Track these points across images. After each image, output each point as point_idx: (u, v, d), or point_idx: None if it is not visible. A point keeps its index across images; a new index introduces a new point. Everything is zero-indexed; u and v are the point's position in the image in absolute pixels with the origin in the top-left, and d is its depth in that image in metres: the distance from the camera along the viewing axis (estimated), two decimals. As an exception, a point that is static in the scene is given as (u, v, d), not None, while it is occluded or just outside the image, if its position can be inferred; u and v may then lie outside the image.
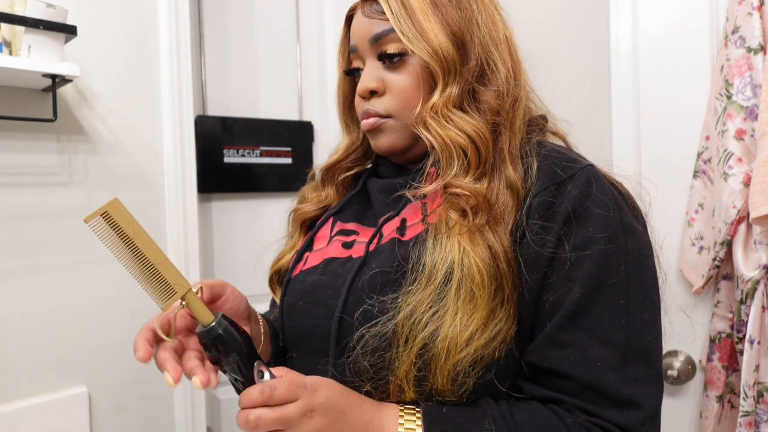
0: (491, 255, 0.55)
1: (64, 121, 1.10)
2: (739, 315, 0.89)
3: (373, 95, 0.66)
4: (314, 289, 0.65)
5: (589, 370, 0.53)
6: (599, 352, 0.53)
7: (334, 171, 0.76)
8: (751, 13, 0.90)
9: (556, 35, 1.29)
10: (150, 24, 1.22)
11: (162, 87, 1.23)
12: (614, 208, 0.57)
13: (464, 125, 0.60)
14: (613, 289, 0.54)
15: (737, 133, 0.90)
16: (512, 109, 0.63)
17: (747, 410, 0.87)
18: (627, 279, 0.55)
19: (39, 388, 1.06)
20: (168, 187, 1.23)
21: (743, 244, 0.90)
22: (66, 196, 1.11)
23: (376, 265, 0.60)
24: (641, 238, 0.59)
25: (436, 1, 0.62)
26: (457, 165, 0.59)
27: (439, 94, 0.61)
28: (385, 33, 0.63)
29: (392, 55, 0.63)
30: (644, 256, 0.58)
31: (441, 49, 0.60)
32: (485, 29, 0.63)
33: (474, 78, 0.62)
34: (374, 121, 0.65)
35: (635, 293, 0.55)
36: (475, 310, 0.54)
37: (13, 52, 1.00)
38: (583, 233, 0.55)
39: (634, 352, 0.54)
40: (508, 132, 0.62)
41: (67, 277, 1.10)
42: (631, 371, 0.54)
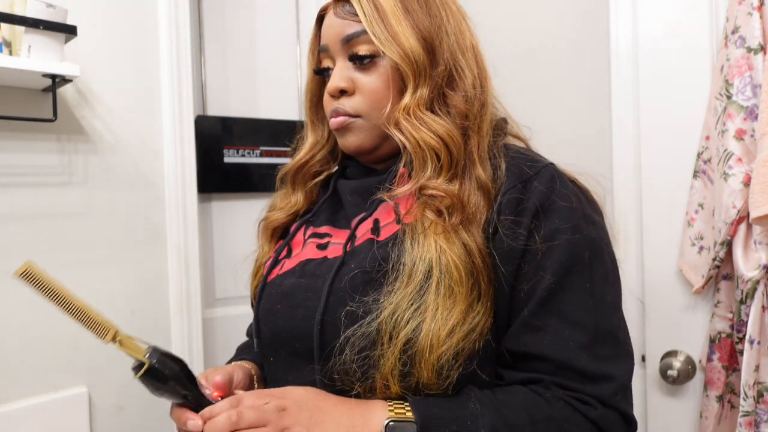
0: (467, 252, 0.58)
1: (64, 121, 1.10)
2: (739, 315, 0.89)
3: (342, 94, 0.67)
4: (293, 291, 0.66)
5: (563, 350, 0.57)
6: (570, 333, 0.57)
7: (301, 175, 0.78)
8: (751, 13, 0.90)
9: (556, 35, 1.29)
10: (150, 24, 1.22)
11: (162, 87, 1.23)
12: (576, 201, 0.61)
13: (437, 127, 0.62)
14: (579, 275, 0.59)
15: (737, 133, 0.90)
16: (479, 114, 0.65)
17: (747, 410, 0.87)
18: (591, 265, 0.60)
19: (39, 388, 1.06)
20: (168, 187, 1.23)
21: (743, 244, 0.90)
22: (66, 196, 1.11)
23: (355, 266, 0.62)
24: (600, 227, 0.64)
25: (407, 7, 0.64)
26: (431, 167, 0.61)
27: (410, 95, 0.63)
28: (357, 34, 0.65)
29: (363, 57, 0.65)
30: (604, 243, 0.63)
31: (412, 52, 0.62)
32: (453, 37, 0.66)
33: (443, 82, 0.65)
34: (343, 119, 0.67)
35: (599, 278, 0.60)
36: (454, 305, 0.56)
37: (13, 52, 1.00)
38: (550, 225, 0.59)
39: (601, 331, 0.59)
40: (477, 135, 0.64)
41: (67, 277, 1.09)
42: (600, 349, 0.58)
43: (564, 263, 0.58)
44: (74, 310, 0.56)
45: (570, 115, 1.27)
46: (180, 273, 1.24)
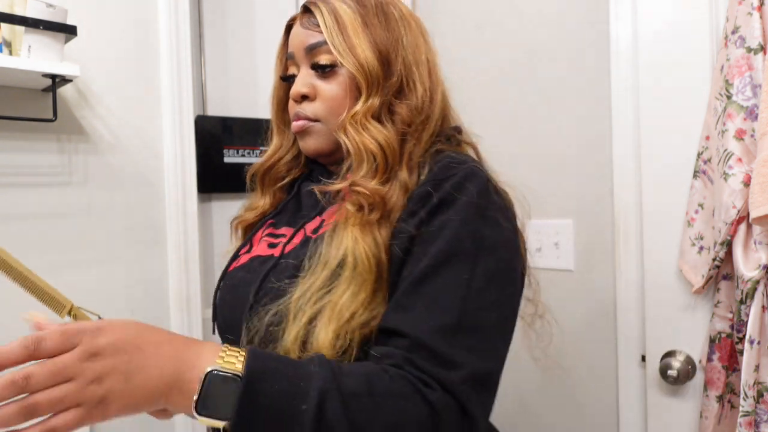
0: (376, 246, 0.61)
1: (64, 121, 1.10)
2: (739, 315, 0.89)
3: (304, 99, 0.72)
4: (238, 284, 0.72)
5: (422, 330, 0.57)
6: (435, 316, 0.57)
7: (269, 177, 0.82)
8: (751, 13, 0.90)
9: (556, 35, 1.29)
10: (150, 24, 1.22)
11: (162, 87, 1.23)
12: (481, 198, 0.62)
13: (377, 134, 0.66)
14: (459, 265, 0.59)
15: (737, 133, 0.90)
16: (422, 124, 0.70)
17: (747, 410, 0.87)
18: (475, 259, 0.60)
19: (39, 388, 1.06)
20: (168, 187, 1.23)
21: (743, 244, 0.90)
22: (66, 196, 1.11)
23: (288, 263, 0.66)
24: (504, 233, 0.64)
25: (366, 21, 0.69)
26: (366, 168, 0.66)
27: (361, 103, 0.68)
28: (319, 44, 0.70)
29: (324, 66, 0.70)
30: (501, 246, 0.63)
31: (367, 64, 0.67)
32: (409, 50, 0.71)
33: (393, 92, 0.69)
34: (303, 123, 0.72)
35: (482, 273, 0.60)
36: (360, 291, 0.59)
37: (13, 52, 1.00)
38: (443, 217, 0.61)
39: (469, 323, 0.58)
40: (414, 141, 0.68)
41: (67, 277, 1.10)
42: (461, 339, 0.57)
43: (445, 251, 0.59)
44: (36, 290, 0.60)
45: (570, 116, 1.27)
46: (180, 273, 1.24)
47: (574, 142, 1.26)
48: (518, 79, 1.36)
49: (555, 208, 1.29)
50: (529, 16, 1.34)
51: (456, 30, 1.48)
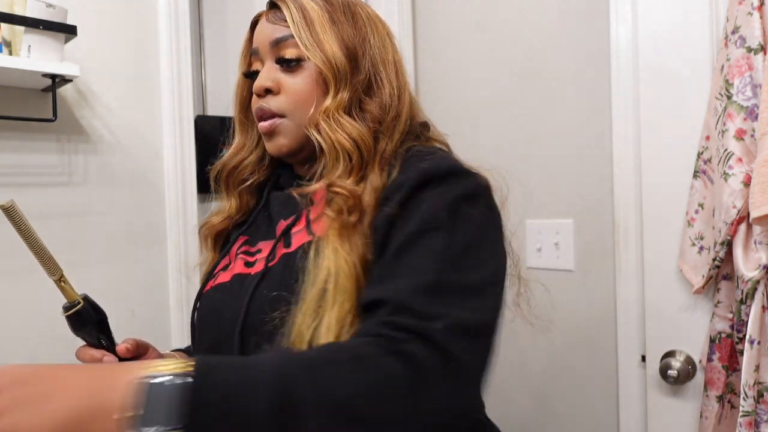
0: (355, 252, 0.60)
1: (64, 121, 1.10)
2: (739, 315, 0.89)
3: (268, 93, 0.71)
4: (220, 306, 0.69)
5: (401, 293, 0.54)
6: (414, 279, 0.55)
7: (233, 180, 0.79)
8: (751, 13, 0.90)
9: (556, 35, 1.29)
10: (150, 24, 1.22)
11: (162, 87, 1.23)
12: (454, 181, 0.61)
13: (351, 129, 0.65)
14: (436, 235, 0.57)
15: (737, 133, 0.90)
16: (393, 121, 0.69)
17: (747, 410, 0.87)
18: (453, 230, 0.58)
19: (39, 388, 1.06)
20: (168, 187, 1.23)
21: (743, 244, 0.90)
22: (66, 196, 1.11)
23: (271, 283, 0.64)
24: (480, 210, 0.62)
25: (333, 18, 0.69)
26: (342, 166, 0.65)
27: (331, 98, 0.67)
28: (285, 38, 0.69)
29: (289, 60, 0.69)
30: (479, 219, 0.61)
31: (334, 59, 0.67)
32: (376, 50, 0.71)
33: (362, 89, 0.69)
34: (271, 123, 0.70)
35: (460, 241, 0.58)
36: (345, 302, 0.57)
37: (13, 52, 1.00)
38: (417, 200, 0.60)
39: (449, 283, 0.55)
40: (386, 139, 0.68)
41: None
42: (442, 296, 0.54)
43: (421, 222, 0.58)
44: (37, 248, 0.64)
45: (570, 116, 1.27)
46: (180, 273, 1.24)
47: (574, 142, 1.26)
48: (518, 79, 1.36)
49: (555, 208, 1.29)
50: (529, 16, 1.34)
51: (456, 30, 1.48)
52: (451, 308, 0.53)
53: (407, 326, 0.51)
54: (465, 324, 0.53)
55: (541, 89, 1.31)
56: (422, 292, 0.54)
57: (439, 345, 0.50)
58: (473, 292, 0.56)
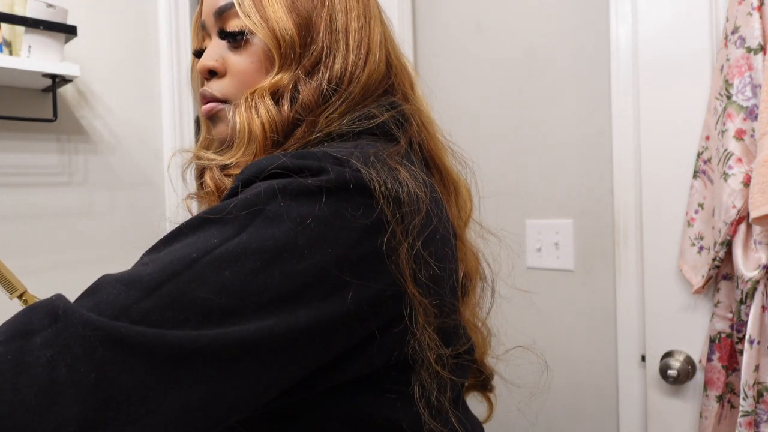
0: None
1: (64, 121, 1.10)
2: (739, 315, 0.89)
3: (213, 76, 0.60)
4: None
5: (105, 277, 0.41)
6: (130, 271, 0.41)
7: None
8: (751, 13, 0.90)
9: (556, 35, 1.29)
10: (150, 24, 1.22)
11: (162, 87, 1.23)
12: (262, 199, 0.43)
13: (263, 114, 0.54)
14: (169, 241, 0.44)
15: (737, 133, 0.91)
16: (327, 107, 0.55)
17: (747, 410, 0.87)
18: (170, 238, 0.44)
19: (39, 388, 1.07)
20: (168, 187, 1.23)
21: (743, 244, 0.90)
22: (66, 196, 1.11)
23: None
24: (287, 229, 0.42)
25: None
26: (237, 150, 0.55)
27: (269, 78, 0.55)
28: (227, 7, 0.57)
29: (232, 33, 0.57)
30: (269, 244, 0.41)
31: (279, 29, 0.54)
32: (339, 16, 0.57)
33: (305, 70, 0.55)
34: (211, 107, 0.59)
35: (213, 258, 0.40)
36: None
37: (13, 52, 1.00)
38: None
39: (165, 291, 0.38)
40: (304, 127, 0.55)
41: (66, 277, 1.10)
42: (144, 303, 0.38)
43: (176, 229, 0.44)
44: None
45: (570, 115, 1.27)
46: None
47: (574, 142, 1.26)
48: (518, 79, 1.36)
49: (555, 208, 1.29)
50: (529, 16, 1.34)
51: (456, 30, 1.48)
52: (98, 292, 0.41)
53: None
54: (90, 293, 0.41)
55: (541, 89, 1.31)
56: (119, 283, 0.41)
57: (50, 305, 0.38)
58: (189, 308, 0.39)
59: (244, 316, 0.39)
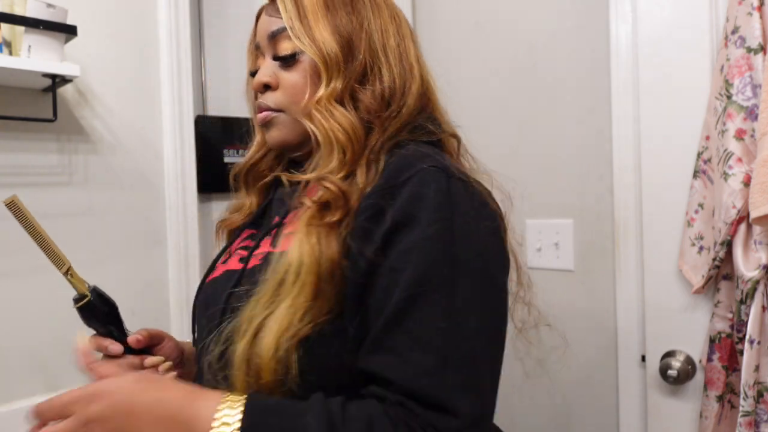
0: (322, 249, 0.56)
1: (64, 121, 1.10)
2: (739, 315, 0.89)
3: (267, 89, 0.69)
4: (207, 301, 0.70)
5: (406, 374, 0.53)
6: (417, 356, 0.53)
7: (252, 176, 0.79)
8: (751, 13, 0.90)
9: (556, 35, 1.29)
10: (150, 24, 1.22)
11: (162, 87, 1.23)
12: (446, 211, 0.55)
13: (342, 120, 0.62)
14: (435, 294, 0.54)
15: (737, 133, 0.91)
16: (390, 114, 0.64)
17: (747, 410, 0.87)
18: (452, 284, 0.54)
19: (39, 388, 1.06)
20: (168, 187, 1.23)
21: (743, 244, 0.90)
22: (66, 196, 1.11)
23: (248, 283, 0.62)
24: (479, 241, 0.57)
25: (329, 5, 0.66)
26: (336, 160, 0.62)
27: (324, 88, 0.64)
28: (280, 31, 0.67)
29: (285, 57, 0.67)
30: (479, 259, 0.57)
31: (325, 47, 0.64)
32: (377, 36, 0.67)
33: (356, 78, 0.65)
34: (266, 114, 0.69)
35: (461, 299, 0.54)
36: (299, 294, 0.55)
37: (13, 52, 1.00)
38: (406, 239, 0.55)
39: (454, 358, 0.53)
40: (378, 133, 0.63)
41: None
42: (448, 377, 0.52)
43: (416, 280, 0.54)
44: (42, 242, 0.64)
45: (570, 116, 1.27)
46: (180, 273, 1.24)
47: (574, 142, 1.26)
48: (518, 79, 1.36)
49: (555, 208, 1.29)
50: (529, 16, 1.34)
51: (456, 29, 1.48)
52: (461, 398, 0.52)
53: (428, 420, 0.52)
54: (476, 419, 0.53)
55: (541, 89, 1.31)
56: (429, 376, 0.52)
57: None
58: (480, 362, 0.55)
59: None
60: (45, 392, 1.07)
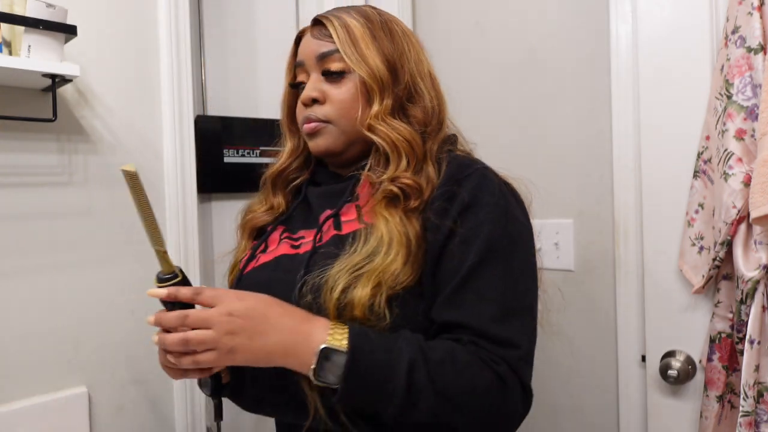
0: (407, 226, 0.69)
1: (64, 121, 1.10)
2: (739, 315, 0.89)
3: (314, 103, 0.78)
4: (267, 283, 0.75)
5: (479, 320, 0.67)
6: (486, 307, 0.68)
7: (281, 180, 0.89)
8: (751, 13, 0.90)
9: (556, 35, 1.29)
10: (150, 24, 1.22)
11: (162, 87, 1.23)
12: (501, 199, 0.72)
13: (403, 131, 0.74)
14: (496, 262, 0.69)
15: (737, 133, 0.90)
16: (436, 126, 0.79)
17: (747, 410, 0.87)
18: (509, 255, 0.70)
19: (39, 388, 1.06)
20: (168, 187, 1.23)
21: (743, 244, 0.90)
22: (66, 196, 1.11)
23: (323, 257, 0.71)
24: (523, 225, 0.75)
25: (374, 34, 0.77)
26: (404, 163, 0.73)
27: (378, 104, 0.75)
28: (331, 53, 0.77)
29: (335, 72, 0.77)
30: (524, 238, 0.74)
31: (378, 70, 0.75)
32: (413, 63, 0.80)
33: (403, 97, 0.78)
34: (315, 125, 0.78)
35: (515, 267, 0.71)
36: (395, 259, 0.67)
37: (13, 52, 1.00)
38: (475, 217, 0.69)
39: (511, 309, 0.69)
40: (431, 141, 0.77)
41: (67, 277, 1.10)
42: (509, 322, 0.68)
43: (484, 250, 0.68)
44: (149, 217, 0.67)
45: (570, 115, 1.27)
46: (180, 273, 1.23)
47: (574, 142, 1.26)
48: (518, 79, 1.36)
49: (555, 208, 1.29)
50: (529, 16, 1.34)
51: (456, 29, 1.48)
52: (520, 336, 0.69)
53: (495, 352, 0.66)
54: (529, 354, 0.70)
55: (541, 89, 1.31)
56: (496, 321, 0.67)
57: (518, 373, 0.67)
58: (529, 314, 0.72)
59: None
60: (45, 392, 1.07)
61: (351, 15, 0.78)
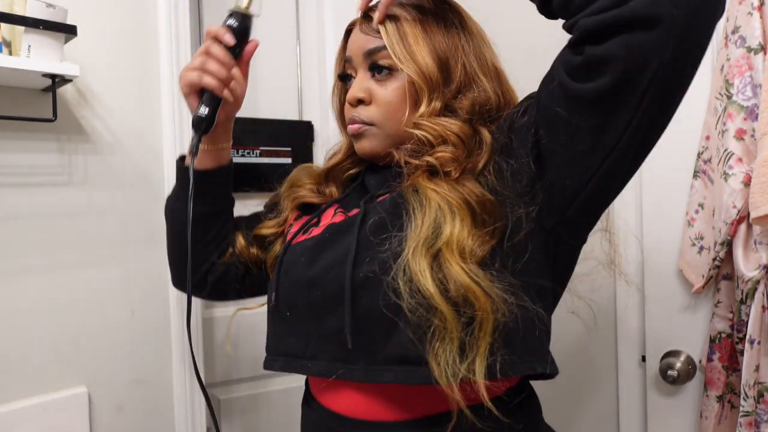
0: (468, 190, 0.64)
1: (63, 121, 1.10)
2: (740, 315, 0.89)
3: (360, 104, 0.74)
4: (316, 245, 0.72)
5: None
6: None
7: (335, 171, 0.85)
8: (751, 13, 0.90)
9: (556, 35, 1.29)
10: (150, 24, 1.22)
11: (162, 87, 1.23)
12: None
13: (451, 126, 0.69)
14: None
15: (737, 133, 0.90)
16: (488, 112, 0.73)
17: (747, 410, 0.87)
18: None
19: (39, 388, 1.06)
20: (168, 187, 1.23)
21: (743, 244, 0.90)
22: (66, 196, 1.11)
23: (376, 215, 0.68)
24: None
25: (426, 28, 0.71)
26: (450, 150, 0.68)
27: (425, 106, 0.70)
28: (378, 49, 0.72)
29: (382, 67, 0.72)
30: None
31: (427, 70, 0.70)
32: (472, 56, 0.74)
33: (452, 95, 0.72)
34: (358, 126, 0.74)
35: None
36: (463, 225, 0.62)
37: (13, 52, 1.00)
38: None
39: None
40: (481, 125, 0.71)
41: (67, 277, 1.10)
42: None
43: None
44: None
45: (570, 115, 1.27)
46: (180, 273, 1.23)
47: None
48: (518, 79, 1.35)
49: (555, 208, 1.29)
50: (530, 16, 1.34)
51: (456, 30, 1.48)
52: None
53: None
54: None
55: (541, 89, 1.31)
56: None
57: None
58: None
59: None
60: (45, 392, 1.07)
61: (403, 6, 0.73)
